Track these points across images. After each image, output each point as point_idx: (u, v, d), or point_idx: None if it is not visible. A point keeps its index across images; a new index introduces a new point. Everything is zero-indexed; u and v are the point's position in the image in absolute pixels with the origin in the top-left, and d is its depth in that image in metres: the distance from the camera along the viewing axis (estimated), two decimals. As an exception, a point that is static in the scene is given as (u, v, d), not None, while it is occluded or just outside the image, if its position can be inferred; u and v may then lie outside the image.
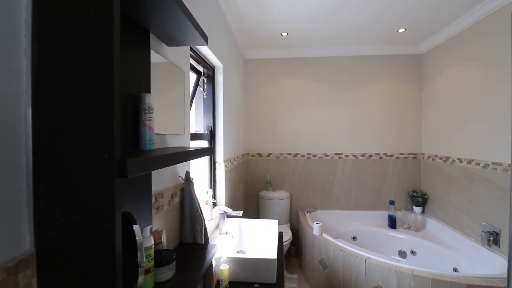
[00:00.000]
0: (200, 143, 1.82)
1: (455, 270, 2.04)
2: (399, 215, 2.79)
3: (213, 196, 1.97)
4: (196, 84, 1.87)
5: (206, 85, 1.97)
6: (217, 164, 2.04)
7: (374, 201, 3.03)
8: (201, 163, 1.93)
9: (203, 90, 1.95)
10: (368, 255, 1.89)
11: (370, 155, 3.03)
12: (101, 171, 0.48)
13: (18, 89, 0.49)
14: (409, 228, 2.70)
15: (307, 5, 2.04)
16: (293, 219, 3.09)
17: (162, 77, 1.03)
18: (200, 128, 1.97)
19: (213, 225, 1.73)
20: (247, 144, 3.17)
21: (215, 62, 1.95)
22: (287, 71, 3.10)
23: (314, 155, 3.09)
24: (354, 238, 2.77)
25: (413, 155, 2.99)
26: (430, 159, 2.79)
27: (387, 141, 3.01)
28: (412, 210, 2.91)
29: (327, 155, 3.07)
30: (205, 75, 1.96)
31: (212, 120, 2.02)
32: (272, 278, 1.29)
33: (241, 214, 1.68)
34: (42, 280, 0.51)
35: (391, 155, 3.01)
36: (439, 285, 1.56)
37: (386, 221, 2.84)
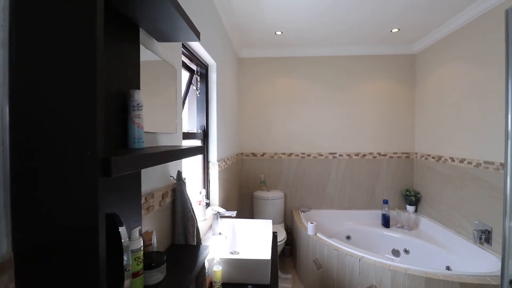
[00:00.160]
0: (193, 142, 1.79)
1: (448, 268, 2.05)
2: (392, 214, 2.81)
3: (206, 196, 1.94)
4: (189, 82, 1.84)
5: (199, 83, 1.94)
6: (210, 164, 2.01)
7: (368, 201, 3.04)
8: (194, 163, 1.90)
9: (196, 88, 1.92)
10: (362, 255, 1.89)
11: (364, 155, 3.03)
12: (83, 170, 0.45)
13: (-7, 83, 0.46)
14: (402, 227, 2.72)
15: (302, 3, 2.03)
16: (287, 219, 3.08)
17: (153, 74, 1.00)
18: (193, 127, 1.94)
19: (206, 225, 1.70)
20: (241, 143, 3.15)
21: (209, 60, 1.92)
22: (282, 70, 3.08)
23: (309, 155, 3.08)
24: (348, 237, 2.77)
25: (406, 155, 3.01)
26: (423, 158, 2.81)
27: (381, 141, 3.02)
28: (405, 209, 2.93)
29: (321, 155, 3.07)
30: (198, 73, 1.93)
31: (205, 119, 1.99)
32: (266, 279, 1.27)
33: (234, 215, 1.66)
34: (21, 285, 0.48)
35: (384, 155, 3.02)
36: (433, 284, 1.57)
37: (380, 220, 2.85)
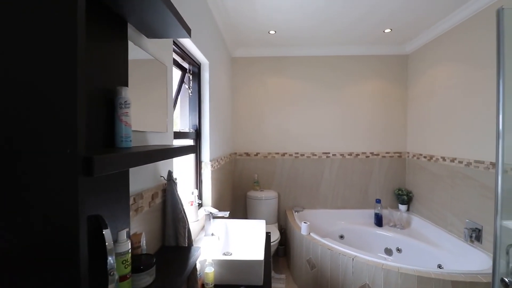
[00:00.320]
0: (185, 142, 1.76)
1: (439, 266, 2.07)
2: (385, 213, 2.83)
3: (198, 197, 1.91)
4: (181, 81, 1.81)
5: (191, 82, 1.91)
6: (203, 164, 1.98)
7: (361, 200, 3.05)
8: (186, 163, 1.87)
9: (189, 87, 1.89)
10: (355, 254, 1.89)
11: (357, 154, 3.05)
12: (63, 169, 0.43)
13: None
14: (394, 226, 2.74)
15: (295, 2, 2.02)
16: (281, 219, 3.07)
17: (142, 71, 0.97)
18: (185, 127, 1.91)
19: (199, 226, 1.67)
20: (235, 143, 3.12)
21: (201, 58, 1.89)
22: (275, 70, 3.07)
23: (302, 155, 3.08)
24: (342, 236, 2.78)
25: (398, 154, 3.04)
26: (415, 157, 2.84)
27: (374, 140, 3.04)
28: (398, 208, 2.95)
29: (315, 155, 3.07)
30: (191, 72, 1.90)
31: (198, 119, 1.96)
32: (259, 280, 1.25)
33: (227, 215, 1.63)
34: (-4, 293, 0.45)
35: (377, 154, 3.04)
36: (425, 282, 1.58)
37: (373, 220, 2.86)
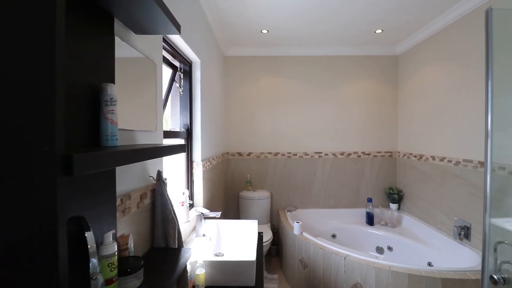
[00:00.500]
0: (175, 141, 1.73)
1: (430, 264, 2.10)
2: (376, 212, 2.85)
3: (190, 197, 1.88)
4: (172, 79, 1.78)
5: (182, 80, 1.88)
6: (194, 164, 1.95)
7: (352, 199, 3.08)
8: (177, 162, 1.84)
9: (179, 86, 1.86)
10: (347, 253, 1.89)
11: (349, 154, 3.07)
12: (41, 168, 0.40)
13: None
14: (386, 224, 2.77)
15: (288, 1, 2.01)
16: (273, 219, 3.06)
17: (130, 68, 0.94)
18: (176, 126, 1.87)
19: (190, 227, 1.65)
20: (227, 143, 3.10)
21: (192, 57, 1.87)
22: (267, 69, 3.06)
23: (295, 154, 3.08)
24: (334, 236, 2.79)
25: (389, 154, 3.07)
26: (405, 157, 2.87)
27: (365, 140, 3.07)
28: (389, 207, 2.98)
29: (307, 154, 3.07)
30: (181, 70, 1.87)
31: (189, 118, 1.93)
32: (251, 281, 1.24)
33: (219, 215, 1.62)
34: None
35: (368, 154, 3.07)
36: (415, 280, 1.59)
37: (364, 218, 2.88)
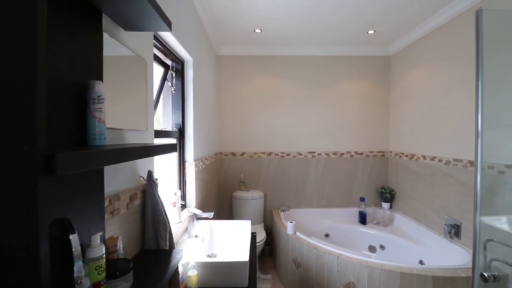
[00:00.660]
0: (167, 141, 1.70)
1: (421, 262, 2.13)
2: (369, 211, 2.88)
3: (182, 198, 1.86)
4: (164, 78, 1.75)
5: (174, 79, 1.85)
6: (186, 164, 1.93)
7: (345, 199, 3.09)
8: (169, 162, 1.81)
9: (171, 85, 1.83)
10: (340, 252, 1.90)
11: (342, 154, 3.08)
12: (21, 167, 0.38)
13: None
14: (378, 223, 2.79)
15: (281, 1, 2.01)
16: (267, 219, 3.06)
17: (120, 65, 0.92)
18: (168, 125, 1.85)
19: (182, 228, 1.62)
20: (220, 143, 3.08)
21: (185, 55, 1.84)
22: (261, 69, 3.05)
23: (288, 154, 3.08)
24: (327, 235, 2.80)
25: (381, 153, 3.10)
26: (397, 156, 2.91)
27: (358, 140, 3.09)
28: (381, 206, 3.01)
29: (301, 154, 3.08)
30: (173, 69, 1.84)
31: (181, 117, 1.90)
32: (244, 282, 1.23)
33: (212, 216, 1.60)
34: None
35: (361, 153, 3.09)
36: (407, 278, 1.61)
37: (357, 218, 2.91)
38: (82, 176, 0.69)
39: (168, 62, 1.78)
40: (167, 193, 1.62)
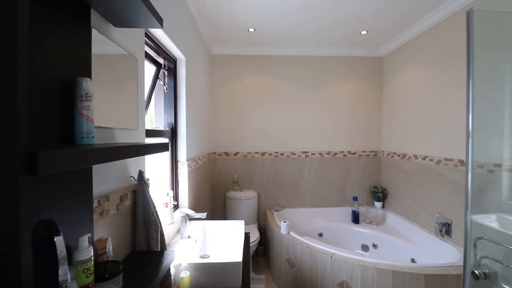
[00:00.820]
0: (160, 140, 1.68)
1: (413, 260, 2.15)
2: (361, 210, 2.90)
3: (174, 198, 1.83)
4: (156, 76, 1.73)
5: (166, 78, 1.83)
6: (179, 164, 1.90)
7: (338, 198, 3.11)
8: (161, 162, 1.79)
9: (164, 83, 1.80)
10: (334, 251, 1.91)
11: (335, 153, 3.10)
12: (0, 167, 0.36)
13: None
14: (371, 222, 2.82)
15: (275, 0, 2.00)
16: (260, 219, 3.05)
17: (109, 62, 0.90)
18: (160, 125, 1.82)
19: (174, 229, 1.60)
20: (213, 142, 3.06)
21: (177, 54, 1.82)
22: (254, 68, 3.04)
23: (282, 154, 3.08)
24: (321, 234, 2.81)
25: (374, 153, 3.13)
26: (389, 156, 2.94)
27: (351, 139, 3.11)
28: (374, 205, 3.04)
29: (294, 154, 3.08)
30: (166, 67, 1.82)
31: (173, 117, 1.88)
32: (238, 282, 1.21)
33: (204, 216, 1.58)
34: None
35: (354, 153, 3.11)
36: (399, 277, 1.62)
37: (350, 217, 2.92)
38: (69, 176, 0.67)
39: (160, 60, 1.76)
40: (159, 193, 1.60)
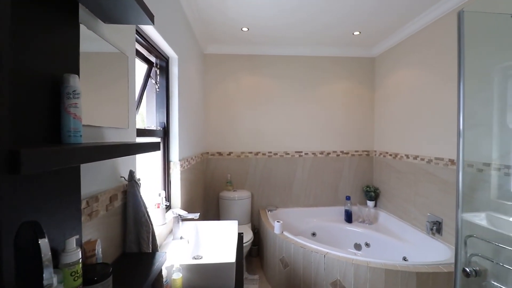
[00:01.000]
0: (151, 140, 1.65)
1: (405, 259, 2.18)
2: (354, 209, 2.92)
3: (166, 199, 1.81)
4: (147, 75, 1.70)
5: (158, 77, 1.80)
6: (171, 164, 1.88)
7: (332, 197, 3.13)
8: (153, 162, 1.76)
9: (156, 82, 1.78)
10: (327, 251, 1.91)
11: (328, 153, 3.12)
12: (-21, 167, 0.34)
13: None
14: (363, 221, 2.84)
15: (268, 0, 2.00)
16: (254, 219, 3.04)
17: (98, 59, 0.87)
18: (152, 124, 1.79)
19: (166, 230, 1.58)
20: (206, 142, 3.03)
21: (169, 52, 1.79)
22: (248, 68, 3.03)
23: (275, 154, 3.07)
24: (314, 234, 2.82)
25: (366, 153, 3.16)
26: (381, 155, 2.97)
27: (344, 139, 3.13)
28: (366, 204, 3.06)
29: (288, 153, 3.08)
30: (158, 66, 1.79)
31: (166, 116, 1.85)
32: (231, 283, 1.20)
33: (197, 217, 1.56)
34: None
35: (347, 153, 3.14)
36: (392, 275, 1.64)
37: (343, 216, 2.94)
38: (56, 175, 0.65)
39: (152, 58, 1.73)
40: (151, 194, 1.57)
